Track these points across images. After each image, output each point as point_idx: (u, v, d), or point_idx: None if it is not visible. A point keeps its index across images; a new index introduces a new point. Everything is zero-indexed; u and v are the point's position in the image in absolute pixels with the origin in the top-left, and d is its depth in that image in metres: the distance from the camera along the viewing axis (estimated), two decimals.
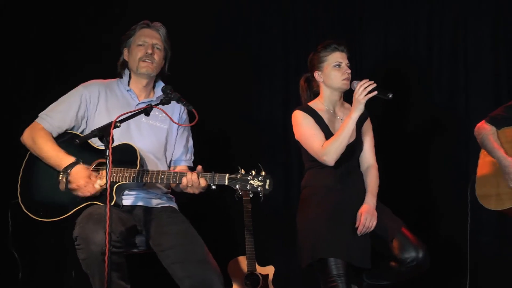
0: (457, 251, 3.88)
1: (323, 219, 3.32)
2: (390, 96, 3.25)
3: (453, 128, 4.32)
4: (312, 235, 3.32)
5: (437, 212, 4.31)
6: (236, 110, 4.65)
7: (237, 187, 2.91)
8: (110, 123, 2.68)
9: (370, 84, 3.25)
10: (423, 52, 4.47)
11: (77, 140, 2.81)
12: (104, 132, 2.66)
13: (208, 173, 2.96)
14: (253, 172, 2.92)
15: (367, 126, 3.60)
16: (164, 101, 2.94)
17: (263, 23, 4.73)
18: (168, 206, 3.24)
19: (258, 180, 2.91)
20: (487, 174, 3.53)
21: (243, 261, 4.20)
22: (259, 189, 2.90)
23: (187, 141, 3.38)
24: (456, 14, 4.40)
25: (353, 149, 3.49)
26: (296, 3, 4.70)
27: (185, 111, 3.37)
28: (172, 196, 3.33)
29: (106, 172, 2.63)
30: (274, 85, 4.69)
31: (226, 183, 2.92)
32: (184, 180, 2.96)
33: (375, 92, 3.24)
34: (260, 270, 4.19)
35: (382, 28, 4.56)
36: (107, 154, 2.63)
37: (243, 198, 4.21)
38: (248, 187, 2.90)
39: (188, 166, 3.36)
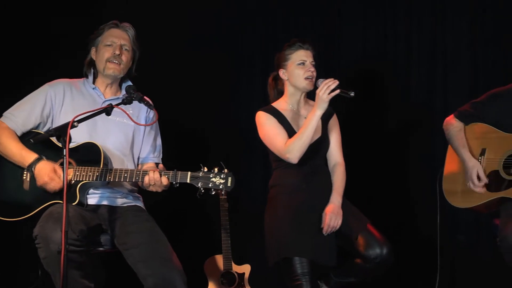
0: (431, 248, 3.86)
1: (289, 219, 3.32)
2: (352, 94, 3.25)
3: (430, 127, 4.29)
4: (278, 235, 3.33)
5: (413, 209, 4.30)
6: (215, 109, 4.64)
7: (199, 185, 2.90)
8: (67, 123, 2.69)
9: (333, 83, 3.25)
10: (401, 51, 4.47)
11: (31, 140, 2.81)
12: (60, 132, 2.67)
13: (170, 171, 2.96)
14: (215, 170, 2.92)
15: (333, 123, 3.57)
16: (126, 100, 2.96)
17: (243, 22, 4.73)
18: (134, 205, 3.23)
19: (220, 178, 2.90)
20: (455, 170, 3.47)
21: (219, 259, 4.20)
22: (221, 187, 2.90)
23: (154, 139, 3.37)
24: (434, 13, 4.40)
25: (319, 146, 3.47)
26: (276, 3, 4.69)
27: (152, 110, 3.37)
28: (139, 195, 3.32)
29: (63, 171, 2.64)
30: (253, 84, 4.68)
31: (188, 181, 2.92)
32: (146, 179, 2.96)
33: (338, 91, 3.24)
34: (236, 268, 4.19)
35: (360, 27, 4.55)
36: (64, 153, 2.63)
37: (220, 197, 4.22)
38: (210, 185, 2.90)
39: (156, 164, 3.34)
